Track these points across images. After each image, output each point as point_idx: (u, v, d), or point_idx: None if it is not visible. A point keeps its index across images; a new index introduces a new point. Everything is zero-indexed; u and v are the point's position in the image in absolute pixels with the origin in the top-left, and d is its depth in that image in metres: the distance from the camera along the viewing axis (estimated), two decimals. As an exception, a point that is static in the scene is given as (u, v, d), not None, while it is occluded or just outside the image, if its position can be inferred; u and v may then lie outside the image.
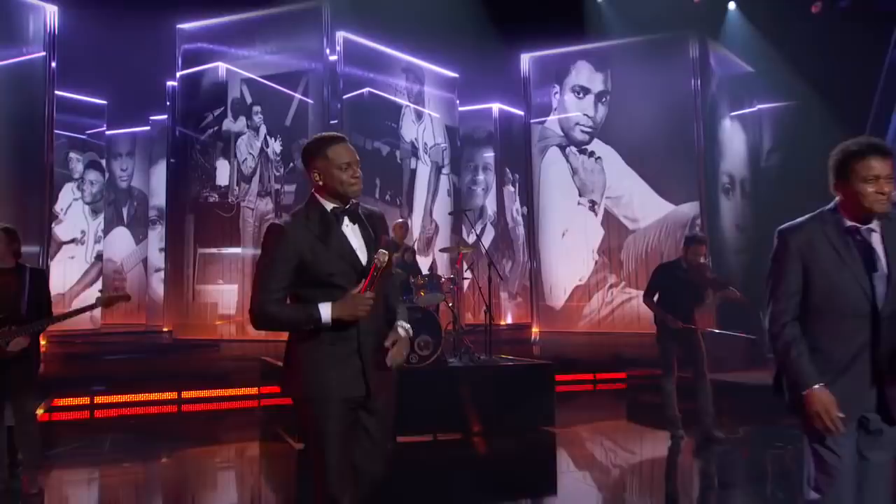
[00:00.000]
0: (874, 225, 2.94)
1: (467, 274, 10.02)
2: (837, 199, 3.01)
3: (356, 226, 3.19)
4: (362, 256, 3.13)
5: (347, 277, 3.08)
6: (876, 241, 2.95)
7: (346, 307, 3.00)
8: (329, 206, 3.14)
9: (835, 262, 2.93)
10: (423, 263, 10.39)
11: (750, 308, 7.96)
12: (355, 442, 3.14)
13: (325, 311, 2.98)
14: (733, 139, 15.35)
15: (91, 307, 5.49)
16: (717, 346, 9.21)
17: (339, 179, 3.11)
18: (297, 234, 3.06)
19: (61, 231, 14.03)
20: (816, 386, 2.84)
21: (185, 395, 9.67)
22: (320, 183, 3.14)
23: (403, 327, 3.20)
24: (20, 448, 5.53)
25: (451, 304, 8.82)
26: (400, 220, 10.36)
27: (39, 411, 6.36)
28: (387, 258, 3.11)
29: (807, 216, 3.07)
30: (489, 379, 8.10)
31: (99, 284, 14.80)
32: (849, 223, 2.96)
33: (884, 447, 2.95)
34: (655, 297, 7.26)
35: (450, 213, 14.46)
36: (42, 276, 5.85)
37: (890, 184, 2.87)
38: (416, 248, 11.38)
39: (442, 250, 12.83)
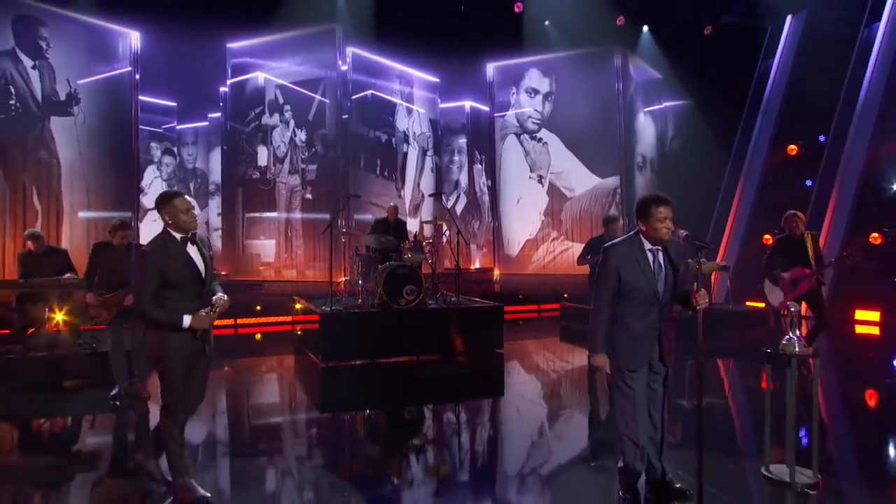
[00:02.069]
0: (661, 246, 3.43)
1: (444, 237, 10.17)
2: (640, 228, 3.42)
3: (195, 247, 3.54)
4: (201, 268, 3.54)
5: (191, 282, 3.49)
6: (662, 257, 3.43)
7: (200, 321, 3.47)
8: (178, 236, 3.50)
9: (637, 271, 3.38)
10: (412, 226, 10.55)
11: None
12: (193, 379, 3.61)
13: (187, 321, 3.42)
14: (646, 129, 15.66)
15: None
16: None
17: (182, 220, 3.49)
18: (158, 255, 3.42)
19: (146, 201, 14.07)
20: (601, 354, 3.45)
21: (239, 321, 10.03)
22: (170, 221, 3.49)
23: (220, 295, 3.63)
24: (135, 366, 6.02)
25: (430, 261, 8.87)
26: (392, 203, 10.45)
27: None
28: (223, 301, 3.56)
29: (622, 237, 3.53)
30: (458, 316, 8.23)
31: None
32: (647, 245, 3.42)
33: (662, 381, 3.55)
34: (588, 258, 7.09)
35: (430, 195, 14.71)
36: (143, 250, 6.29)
37: (672, 221, 3.36)
38: (407, 211, 11.51)
39: (424, 222, 13.10)
